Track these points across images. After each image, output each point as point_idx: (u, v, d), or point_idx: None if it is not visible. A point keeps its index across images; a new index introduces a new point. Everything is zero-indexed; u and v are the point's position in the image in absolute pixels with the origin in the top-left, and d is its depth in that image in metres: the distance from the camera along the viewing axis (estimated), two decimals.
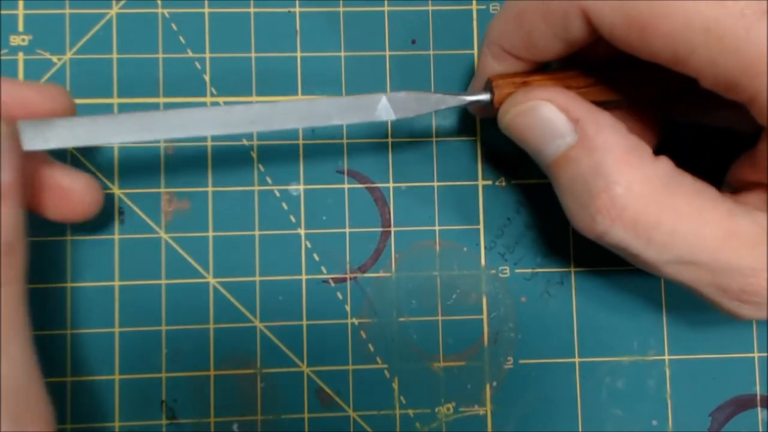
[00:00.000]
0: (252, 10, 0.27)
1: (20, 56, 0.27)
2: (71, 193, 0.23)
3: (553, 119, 0.21)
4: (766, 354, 0.28)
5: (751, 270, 0.20)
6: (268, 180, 0.27)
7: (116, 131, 0.22)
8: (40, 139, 0.21)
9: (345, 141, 0.27)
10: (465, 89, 0.28)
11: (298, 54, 0.27)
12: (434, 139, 0.28)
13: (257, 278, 0.27)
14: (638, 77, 0.23)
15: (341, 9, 0.28)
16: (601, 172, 0.20)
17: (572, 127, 0.21)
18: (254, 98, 0.27)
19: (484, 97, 0.23)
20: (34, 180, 0.23)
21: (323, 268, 0.27)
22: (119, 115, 0.22)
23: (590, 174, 0.21)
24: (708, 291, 0.21)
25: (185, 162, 0.27)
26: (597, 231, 0.21)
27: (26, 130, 0.21)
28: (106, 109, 0.27)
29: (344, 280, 0.27)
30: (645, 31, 0.19)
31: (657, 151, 0.21)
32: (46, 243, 0.26)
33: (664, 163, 0.21)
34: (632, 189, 0.20)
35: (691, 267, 0.20)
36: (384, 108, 0.23)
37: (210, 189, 0.27)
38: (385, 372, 0.27)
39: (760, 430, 0.27)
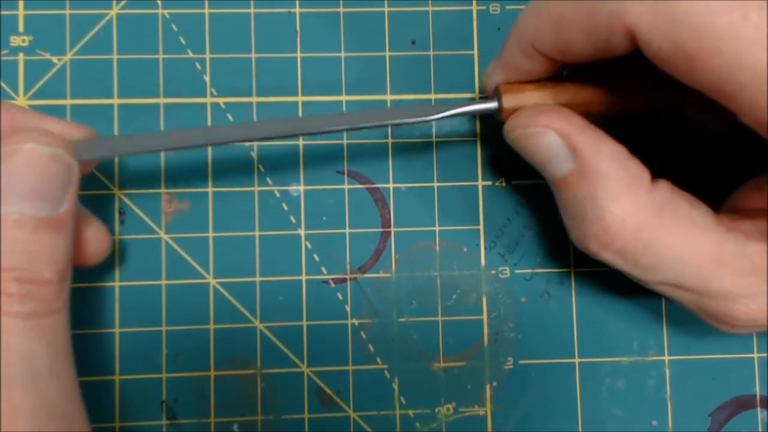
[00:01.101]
0: (252, 10, 0.27)
1: (20, 57, 0.27)
2: (84, 242, 0.23)
3: (553, 146, 0.22)
4: (766, 354, 0.28)
5: (733, 296, 0.21)
6: (269, 180, 0.27)
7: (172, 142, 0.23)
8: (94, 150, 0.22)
9: (345, 141, 0.27)
10: (465, 90, 0.28)
11: (298, 54, 0.27)
12: (434, 140, 0.28)
13: (257, 279, 0.27)
14: (649, 86, 0.23)
15: (341, 9, 0.28)
16: (596, 202, 0.21)
17: (571, 155, 0.21)
18: (254, 99, 0.27)
19: (492, 105, 0.24)
20: None
21: (323, 269, 0.27)
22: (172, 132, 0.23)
23: (586, 201, 0.21)
24: (691, 308, 0.22)
25: (185, 162, 0.27)
26: (590, 250, 0.22)
27: (82, 147, 0.22)
28: (106, 110, 0.27)
29: (344, 280, 0.27)
30: (692, 63, 0.19)
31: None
32: None
33: (661, 191, 0.21)
34: (625, 220, 0.21)
35: (677, 289, 0.21)
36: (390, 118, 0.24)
37: (210, 189, 0.27)
38: (385, 372, 0.27)
39: (760, 430, 0.27)
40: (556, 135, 0.22)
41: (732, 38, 0.18)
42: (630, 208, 0.21)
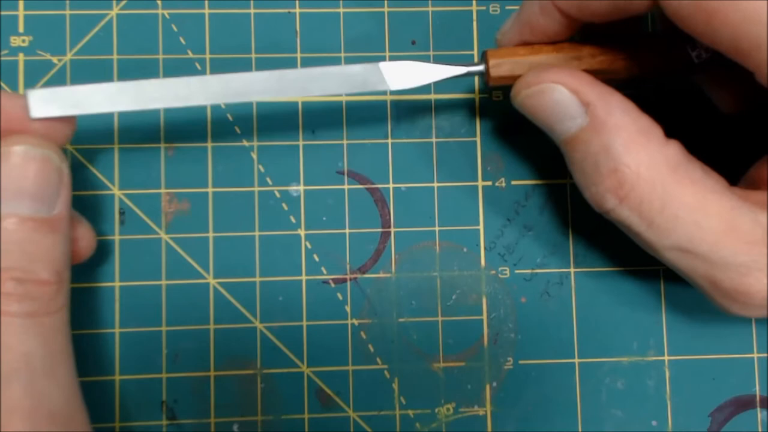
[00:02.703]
0: (252, 11, 0.27)
1: (20, 57, 0.27)
2: (74, 241, 0.23)
3: (564, 102, 0.22)
4: (765, 354, 0.28)
5: (745, 268, 0.20)
6: (268, 180, 0.27)
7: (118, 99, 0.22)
8: (50, 105, 0.22)
9: (345, 142, 0.27)
10: (465, 90, 0.28)
11: (298, 54, 0.27)
12: (434, 140, 0.28)
13: (257, 279, 0.27)
14: (650, 54, 0.23)
15: (341, 9, 0.28)
16: (611, 154, 0.21)
17: (583, 109, 0.21)
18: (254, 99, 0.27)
19: (479, 68, 0.24)
20: None
21: (323, 269, 0.27)
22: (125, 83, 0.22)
23: (600, 154, 0.21)
24: (702, 282, 0.21)
25: (185, 162, 0.27)
26: (605, 207, 0.21)
27: (33, 96, 0.21)
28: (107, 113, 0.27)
29: (344, 280, 0.27)
30: (712, 18, 0.19)
31: (672, 134, 0.21)
32: None
33: (674, 148, 0.21)
34: (640, 172, 0.20)
35: (688, 255, 0.21)
36: (380, 79, 0.23)
37: (210, 189, 0.27)
38: (385, 372, 0.27)
39: (760, 430, 0.27)
40: (566, 90, 0.21)
41: None
42: (645, 159, 0.20)
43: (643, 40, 0.23)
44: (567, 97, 0.22)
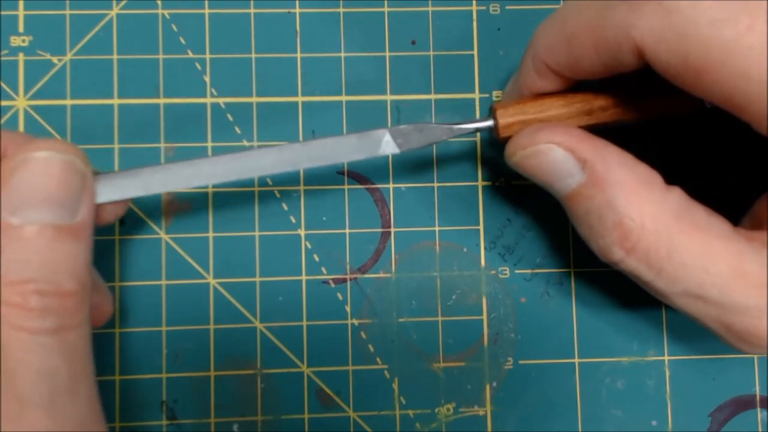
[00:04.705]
0: (252, 11, 0.27)
1: (20, 57, 0.27)
2: (96, 306, 0.23)
3: (561, 161, 0.22)
4: (765, 354, 0.28)
5: (757, 311, 0.20)
6: (268, 181, 0.27)
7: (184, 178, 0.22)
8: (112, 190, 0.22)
9: None
10: (465, 90, 0.28)
11: (298, 55, 0.27)
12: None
13: (257, 279, 0.27)
14: (660, 100, 0.23)
15: (341, 9, 0.28)
16: (613, 207, 0.21)
17: (580, 167, 0.21)
18: (254, 99, 0.27)
19: (487, 124, 0.24)
20: None
21: (323, 269, 0.27)
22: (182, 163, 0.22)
23: (603, 209, 0.21)
24: (715, 327, 0.21)
25: None
26: (613, 259, 0.21)
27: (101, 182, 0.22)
28: (106, 110, 0.27)
29: (344, 280, 0.27)
30: (701, 76, 0.19)
31: (673, 178, 0.21)
32: None
33: (676, 195, 0.21)
34: (644, 223, 0.20)
35: (699, 301, 0.21)
36: (388, 143, 0.23)
37: (210, 190, 0.27)
38: (385, 372, 0.27)
39: (760, 430, 0.27)
40: (561, 149, 0.21)
41: (739, 50, 0.18)
42: (648, 210, 0.20)
43: (652, 86, 0.23)
44: (563, 156, 0.21)
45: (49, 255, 0.19)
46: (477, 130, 0.24)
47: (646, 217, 0.20)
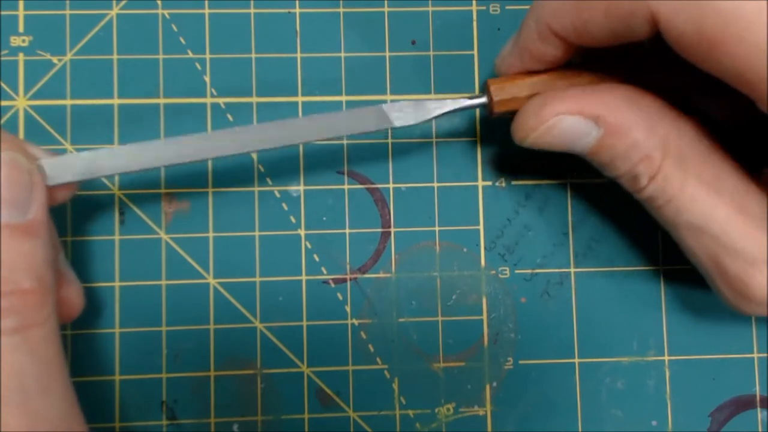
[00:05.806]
0: (252, 11, 0.27)
1: (20, 57, 0.27)
2: (65, 300, 0.23)
3: (574, 126, 0.22)
4: (765, 354, 0.28)
5: (752, 258, 0.20)
6: (268, 181, 0.27)
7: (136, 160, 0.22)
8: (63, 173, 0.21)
9: (345, 142, 0.27)
10: (465, 90, 0.28)
11: (298, 55, 0.27)
12: (434, 140, 0.28)
13: (257, 279, 0.27)
14: (651, 77, 0.23)
15: (341, 9, 0.28)
16: (637, 147, 0.21)
17: (593, 122, 0.22)
18: (254, 99, 0.27)
19: (481, 100, 0.24)
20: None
21: (323, 269, 0.27)
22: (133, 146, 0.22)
23: (628, 150, 0.22)
24: (709, 265, 0.22)
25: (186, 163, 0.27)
26: (639, 187, 0.22)
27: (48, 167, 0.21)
28: (106, 110, 0.27)
29: (344, 280, 0.27)
30: (715, 49, 0.19)
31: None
32: None
33: (692, 124, 0.22)
34: (668, 151, 0.21)
35: (701, 235, 0.21)
36: (383, 117, 0.23)
37: (210, 189, 0.27)
38: (385, 372, 0.27)
39: (760, 430, 0.27)
40: (569, 116, 0.22)
41: (758, 25, 0.18)
42: (665, 140, 0.21)
43: (645, 62, 0.23)
44: (573, 121, 0.22)
45: (4, 255, 0.19)
46: (471, 106, 0.24)
47: (662, 149, 0.21)
